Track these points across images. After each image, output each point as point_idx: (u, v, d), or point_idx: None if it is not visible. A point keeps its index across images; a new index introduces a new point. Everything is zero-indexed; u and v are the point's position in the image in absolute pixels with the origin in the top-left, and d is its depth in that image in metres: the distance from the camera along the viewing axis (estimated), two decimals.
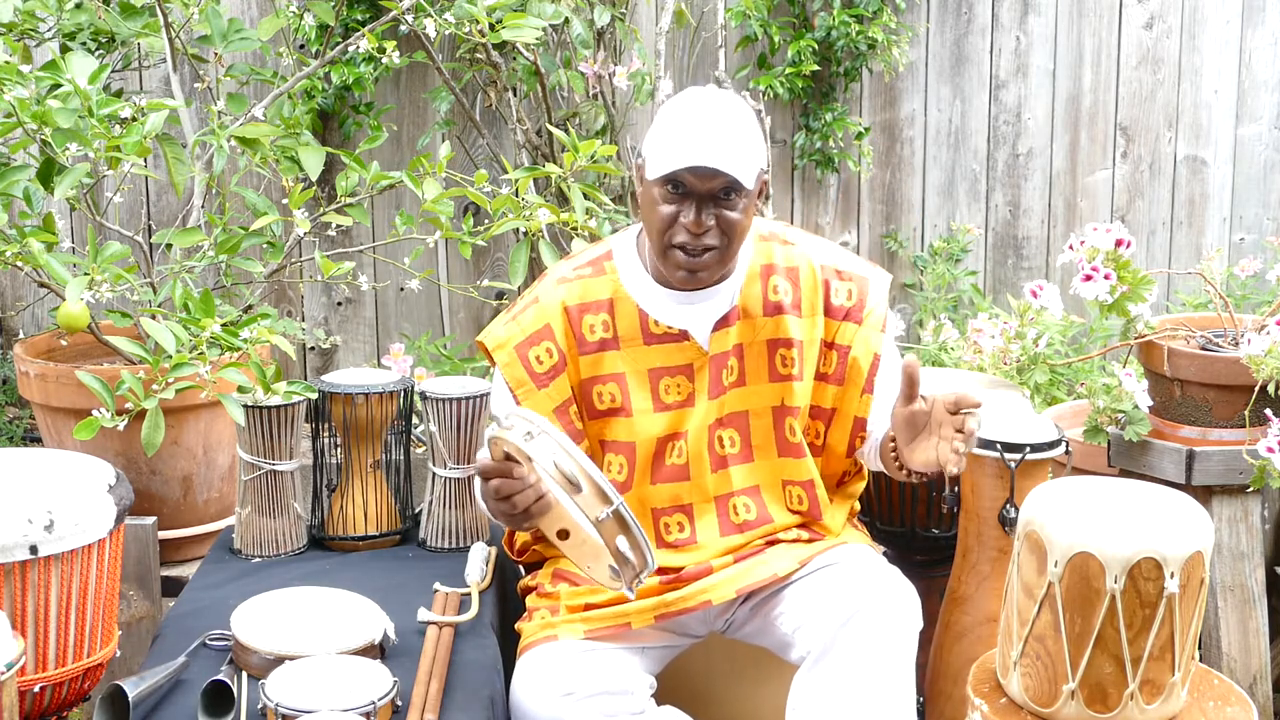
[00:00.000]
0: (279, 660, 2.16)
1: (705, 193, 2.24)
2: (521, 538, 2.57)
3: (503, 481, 2.07)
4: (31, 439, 3.88)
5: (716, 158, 2.21)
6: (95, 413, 2.49)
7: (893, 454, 2.30)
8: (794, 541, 2.43)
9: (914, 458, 2.22)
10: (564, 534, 2.13)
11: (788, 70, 4.03)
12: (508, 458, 2.07)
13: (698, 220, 2.24)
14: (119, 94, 3.33)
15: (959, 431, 2.14)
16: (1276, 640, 3.02)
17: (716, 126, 2.25)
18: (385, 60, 3.21)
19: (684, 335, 2.38)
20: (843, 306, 2.43)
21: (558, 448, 1.99)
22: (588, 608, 2.36)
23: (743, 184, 2.24)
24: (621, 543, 2.00)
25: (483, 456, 2.12)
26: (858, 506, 2.62)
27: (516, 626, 2.44)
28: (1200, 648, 2.68)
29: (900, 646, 2.25)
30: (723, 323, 2.39)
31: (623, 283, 2.40)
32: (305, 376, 4.22)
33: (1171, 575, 2.09)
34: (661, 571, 2.39)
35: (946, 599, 2.72)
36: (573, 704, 2.20)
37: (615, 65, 3.76)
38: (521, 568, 2.66)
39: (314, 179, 3.15)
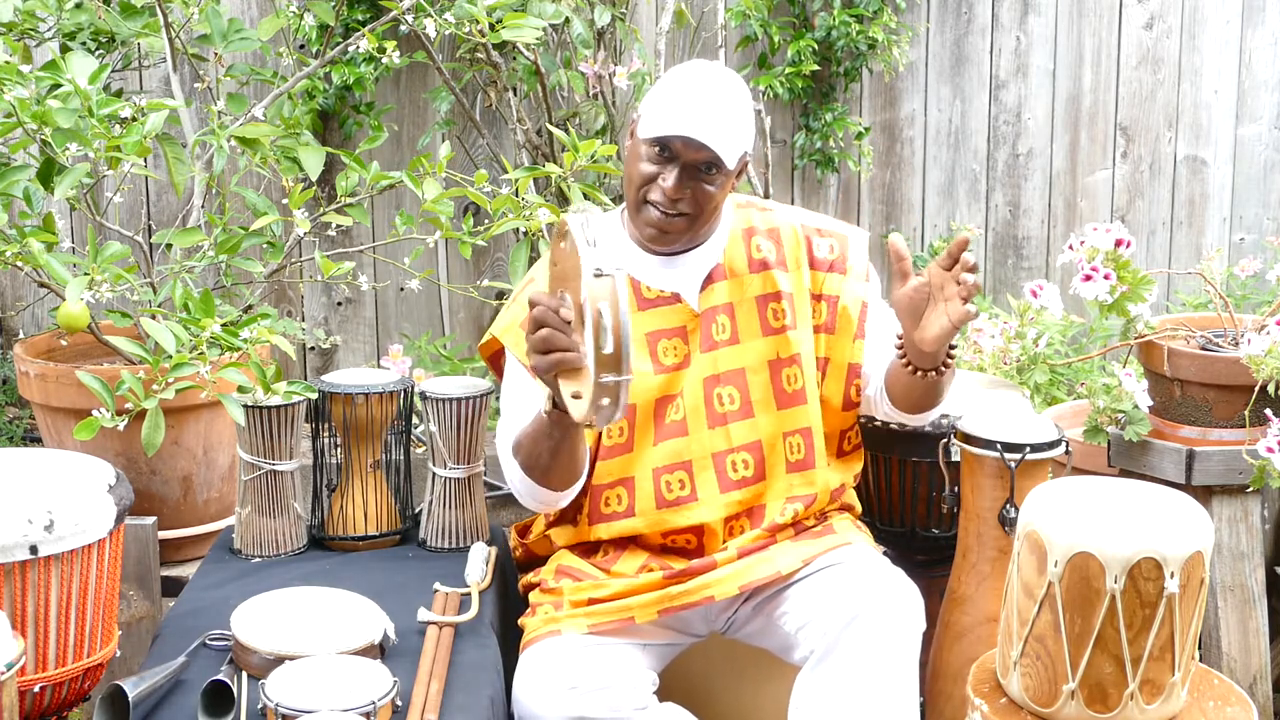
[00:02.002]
0: (279, 660, 2.16)
1: (689, 162, 2.31)
2: (536, 529, 2.58)
3: (552, 333, 2.05)
4: (31, 439, 3.88)
5: (708, 133, 2.29)
6: (95, 413, 2.48)
7: (902, 357, 2.31)
8: (796, 533, 2.44)
9: (927, 336, 2.23)
10: (577, 396, 2.11)
11: (788, 70, 4.02)
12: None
13: (677, 186, 2.32)
14: (119, 94, 3.33)
15: (959, 284, 2.17)
16: (1276, 640, 3.02)
17: (714, 102, 2.32)
18: (385, 60, 3.21)
19: (675, 298, 2.45)
20: (826, 259, 2.51)
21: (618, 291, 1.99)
22: (591, 602, 2.37)
23: (725, 163, 2.32)
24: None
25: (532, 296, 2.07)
26: (859, 508, 2.62)
27: (520, 622, 2.45)
28: (1200, 648, 2.68)
29: (904, 647, 2.26)
30: (708, 280, 2.46)
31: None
32: (305, 376, 4.21)
33: (1171, 575, 2.09)
34: (664, 560, 2.41)
35: (946, 599, 2.72)
36: (577, 698, 2.21)
37: (615, 65, 3.76)
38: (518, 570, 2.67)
39: (314, 179, 3.15)
